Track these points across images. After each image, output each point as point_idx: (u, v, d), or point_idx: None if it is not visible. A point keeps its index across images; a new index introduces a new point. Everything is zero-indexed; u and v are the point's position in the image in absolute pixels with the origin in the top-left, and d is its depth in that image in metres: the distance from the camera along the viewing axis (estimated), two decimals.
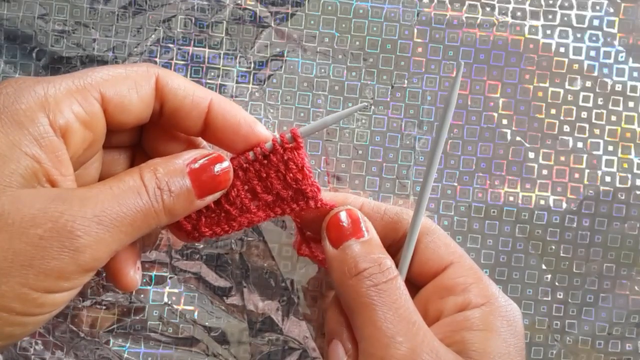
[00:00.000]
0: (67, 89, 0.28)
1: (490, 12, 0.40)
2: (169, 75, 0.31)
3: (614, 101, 0.40)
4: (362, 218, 0.33)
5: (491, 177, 0.39)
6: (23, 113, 0.26)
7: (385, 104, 0.39)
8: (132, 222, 0.27)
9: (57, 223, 0.25)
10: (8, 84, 0.27)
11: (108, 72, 0.29)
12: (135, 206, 0.27)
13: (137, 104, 0.30)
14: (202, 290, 0.39)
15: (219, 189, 0.31)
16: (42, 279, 0.25)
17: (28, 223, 0.25)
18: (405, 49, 0.39)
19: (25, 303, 0.25)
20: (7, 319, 0.25)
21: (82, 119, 0.28)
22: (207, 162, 0.30)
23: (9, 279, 0.24)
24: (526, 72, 0.39)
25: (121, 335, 0.39)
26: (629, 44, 0.40)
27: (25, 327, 0.26)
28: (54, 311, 0.27)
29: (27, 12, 0.38)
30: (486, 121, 0.39)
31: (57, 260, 0.25)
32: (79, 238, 0.25)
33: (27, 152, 0.26)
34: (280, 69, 0.39)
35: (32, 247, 0.25)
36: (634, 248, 0.40)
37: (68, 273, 0.26)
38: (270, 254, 0.39)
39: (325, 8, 0.39)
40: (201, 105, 0.31)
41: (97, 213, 0.26)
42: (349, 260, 0.31)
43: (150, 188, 0.28)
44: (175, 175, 0.29)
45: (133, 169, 0.29)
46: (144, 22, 0.39)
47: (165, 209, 0.29)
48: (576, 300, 0.40)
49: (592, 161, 0.40)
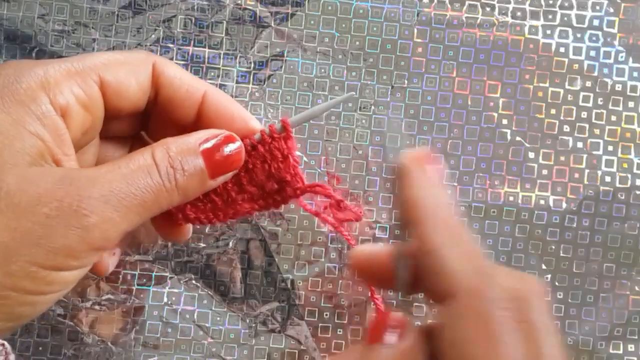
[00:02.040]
0: (67, 70, 0.27)
1: (490, 12, 0.40)
2: (165, 64, 0.31)
3: (614, 101, 0.40)
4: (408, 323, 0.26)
5: (491, 177, 0.39)
6: (24, 92, 0.26)
7: (385, 104, 0.39)
8: (142, 202, 0.27)
9: (62, 202, 0.25)
10: (7, 66, 0.27)
11: (106, 57, 0.29)
12: (145, 186, 0.27)
13: (134, 89, 0.30)
14: (202, 290, 0.39)
15: (231, 168, 0.31)
16: (51, 258, 0.25)
17: (34, 202, 0.25)
18: (405, 49, 0.39)
19: (35, 281, 0.25)
20: (18, 298, 0.25)
21: (81, 101, 0.28)
22: (219, 141, 0.30)
23: (18, 258, 0.24)
24: (526, 72, 0.39)
25: (121, 336, 0.39)
26: (629, 44, 0.40)
27: (35, 306, 0.26)
28: (64, 290, 0.27)
29: (27, 12, 0.38)
30: (486, 121, 0.39)
31: (65, 239, 0.25)
32: (86, 217, 0.25)
33: (31, 130, 0.26)
34: (280, 69, 0.39)
35: (39, 226, 0.24)
36: (634, 248, 0.40)
37: (77, 252, 0.25)
38: (270, 254, 0.39)
39: (325, 8, 0.39)
40: (195, 96, 0.31)
41: (104, 193, 0.26)
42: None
43: (162, 167, 0.28)
44: (188, 154, 0.29)
45: (144, 148, 0.29)
46: (144, 22, 0.39)
47: (178, 188, 0.28)
48: (576, 300, 0.40)
49: (592, 161, 0.40)
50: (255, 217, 0.39)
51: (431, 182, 0.26)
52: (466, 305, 0.23)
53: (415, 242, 0.25)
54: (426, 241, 0.24)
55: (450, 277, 0.23)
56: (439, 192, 0.26)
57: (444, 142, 0.39)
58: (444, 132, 0.39)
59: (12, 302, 0.25)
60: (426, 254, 0.24)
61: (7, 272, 0.24)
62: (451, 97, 0.39)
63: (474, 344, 0.22)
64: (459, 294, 0.23)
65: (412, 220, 0.25)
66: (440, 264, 0.24)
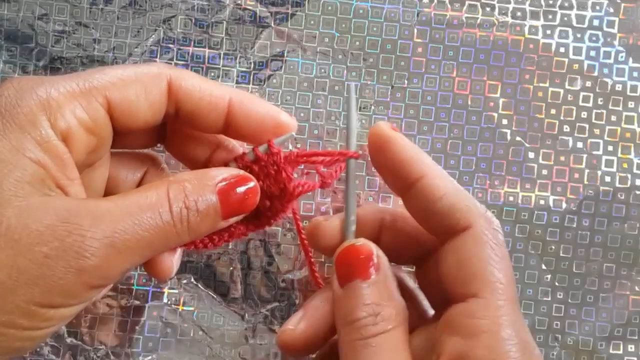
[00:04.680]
0: (71, 91, 0.26)
1: (490, 12, 0.40)
2: (183, 76, 0.29)
3: (614, 101, 0.40)
4: (376, 254, 0.29)
5: (491, 177, 0.39)
6: (24, 117, 0.25)
7: (385, 104, 0.39)
8: (149, 244, 0.26)
9: (64, 242, 0.24)
10: (10, 85, 0.26)
11: (115, 74, 0.27)
12: (154, 226, 0.26)
13: (145, 109, 0.28)
14: (201, 290, 0.39)
15: (244, 210, 0.30)
16: (47, 297, 0.24)
17: (34, 240, 0.24)
18: (405, 49, 0.39)
19: (32, 319, 0.24)
20: (16, 334, 0.24)
21: (85, 125, 0.27)
22: (235, 181, 0.29)
23: (14, 297, 0.24)
24: (526, 72, 0.39)
25: (120, 336, 0.39)
26: (629, 44, 0.40)
27: (34, 340, 0.25)
28: (63, 323, 0.26)
29: (27, 12, 0.38)
30: (486, 121, 0.39)
31: (62, 280, 0.24)
32: (86, 259, 0.24)
33: (31, 157, 0.25)
34: (280, 69, 0.39)
35: (36, 266, 0.24)
36: (633, 248, 0.40)
37: (74, 291, 0.25)
38: (270, 254, 0.39)
39: (325, 8, 0.39)
40: (220, 106, 0.29)
41: (108, 234, 0.25)
42: (347, 305, 0.28)
43: (176, 206, 0.26)
44: (204, 193, 0.27)
45: (158, 183, 0.27)
46: (144, 23, 0.39)
47: (190, 230, 0.27)
48: (576, 301, 0.40)
49: (592, 161, 0.40)
50: None
51: (413, 145, 0.31)
52: (482, 231, 0.28)
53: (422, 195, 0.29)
54: (438, 188, 0.29)
55: (467, 211, 0.28)
56: (423, 152, 0.31)
57: (444, 142, 0.39)
58: (444, 132, 0.39)
59: (10, 338, 0.24)
60: (439, 199, 0.28)
61: (4, 310, 0.24)
62: (451, 97, 0.39)
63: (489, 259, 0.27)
64: (476, 223, 0.28)
65: (419, 174, 0.29)
66: (456, 203, 0.28)
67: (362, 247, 0.30)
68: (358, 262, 0.29)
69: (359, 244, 0.30)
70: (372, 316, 0.28)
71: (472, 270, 0.27)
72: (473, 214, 0.28)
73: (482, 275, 0.27)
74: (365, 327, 0.28)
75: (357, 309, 0.28)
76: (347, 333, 0.28)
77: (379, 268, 0.29)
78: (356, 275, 0.29)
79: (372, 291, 0.28)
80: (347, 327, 0.28)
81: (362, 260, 0.29)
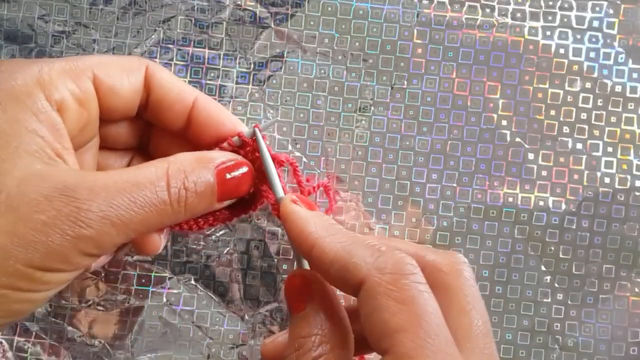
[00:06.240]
0: (61, 68, 0.28)
1: (490, 13, 0.40)
2: (158, 68, 0.31)
3: (614, 102, 0.40)
4: (310, 285, 0.28)
5: (490, 178, 0.39)
6: (19, 89, 0.26)
7: (385, 104, 0.39)
8: (143, 221, 0.27)
9: (60, 212, 0.25)
10: (1, 64, 0.27)
11: (100, 57, 0.30)
12: (149, 203, 0.27)
13: (127, 89, 0.30)
14: (201, 290, 0.39)
15: (238, 193, 0.31)
16: (46, 261, 0.25)
17: (33, 209, 0.25)
18: (405, 49, 0.39)
19: (31, 281, 0.25)
20: (15, 296, 0.26)
21: (76, 96, 0.28)
22: (232, 165, 0.30)
23: (15, 260, 0.25)
24: (526, 73, 0.40)
25: (120, 336, 0.39)
26: (629, 45, 0.40)
27: (33, 303, 0.27)
28: (60, 287, 0.27)
29: (27, 13, 0.38)
30: (486, 122, 0.39)
31: (59, 246, 0.25)
32: (81, 229, 0.25)
33: (28, 127, 0.26)
34: (280, 70, 0.39)
35: (35, 232, 0.25)
36: (633, 249, 0.39)
37: (71, 258, 0.26)
38: (269, 254, 0.39)
39: (325, 9, 0.39)
40: (186, 100, 0.31)
41: (103, 208, 0.26)
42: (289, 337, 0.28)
43: (174, 186, 0.27)
44: (204, 174, 0.29)
45: (157, 161, 0.28)
46: (143, 23, 0.39)
47: (186, 209, 0.28)
48: (576, 302, 0.39)
49: (592, 162, 0.40)
50: (255, 217, 0.39)
51: (305, 212, 0.29)
52: (374, 283, 0.25)
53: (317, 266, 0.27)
54: (326, 255, 0.27)
55: (355, 269, 0.26)
56: (316, 216, 0.29)
57: (443, 143, 0.39)
58: (443, 133, 0.39)
59: (9, 299, 0.25)
60: (330, 265, 0.26)
61: (5, 272, 0.25)
62: (451, 98, 0.39)
63: (387, 309, 0.24)
64: (367, 278, 0.25)
65: (308, 246, 0.27)
66: (345, 264, 0.26)
67: (301, 277, 0.29)
68: (290, 297, 0.29)
69: (300, 271, 0.30)
70: (296, 350, 0.27)
71: (376, 328, 0.25)
72: (360, 270, 0.26)
73: (384, 331, 0.24)
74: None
75: (290, 343, 0.28)
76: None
77: (312, 299, 0.28)
78: (292, 309, 0.29)
79: (301, 324, 0.27)
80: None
81: (296, 293, 0.29)
